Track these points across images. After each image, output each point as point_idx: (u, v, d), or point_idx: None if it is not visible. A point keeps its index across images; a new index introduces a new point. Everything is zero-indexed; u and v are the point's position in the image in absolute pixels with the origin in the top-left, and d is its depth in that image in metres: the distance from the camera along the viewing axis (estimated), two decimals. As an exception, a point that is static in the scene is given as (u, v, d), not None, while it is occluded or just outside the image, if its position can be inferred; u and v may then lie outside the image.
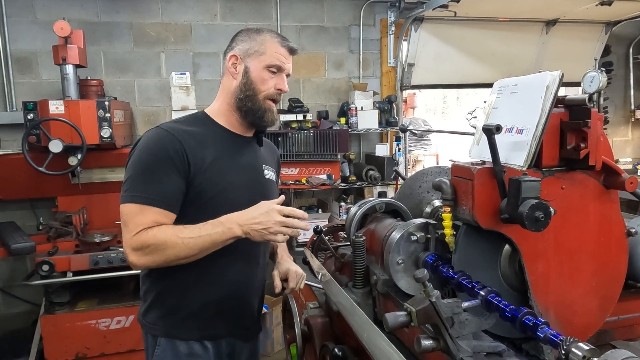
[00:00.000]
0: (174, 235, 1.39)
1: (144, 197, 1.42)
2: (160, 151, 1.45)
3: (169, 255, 1.40)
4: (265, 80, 1.57)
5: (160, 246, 1.38)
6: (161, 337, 1.55)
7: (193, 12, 4.02)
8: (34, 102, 3.02)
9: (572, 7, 4.13)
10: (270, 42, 1.57)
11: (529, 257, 1.21)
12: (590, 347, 0.86)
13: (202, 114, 1.65)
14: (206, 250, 1.42)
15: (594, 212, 1.26)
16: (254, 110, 1.58)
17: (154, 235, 1.39)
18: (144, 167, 1.45)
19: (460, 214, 1.24)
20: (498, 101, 1.35)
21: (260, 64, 1.56)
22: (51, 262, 2.86)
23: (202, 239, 1.40)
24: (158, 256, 1.40)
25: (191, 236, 1.39)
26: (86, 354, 3.00)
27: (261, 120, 1.60)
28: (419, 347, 1.02)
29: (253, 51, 1.57)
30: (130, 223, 1.42)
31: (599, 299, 1.29)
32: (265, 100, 1.58)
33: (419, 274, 1.04)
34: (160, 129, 1.51)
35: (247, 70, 1.57)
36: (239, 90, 1.58)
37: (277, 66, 1.57)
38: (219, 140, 1.59)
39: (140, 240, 1.39)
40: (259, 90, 1.57)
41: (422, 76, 4.47)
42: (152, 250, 1.39)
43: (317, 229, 1.95)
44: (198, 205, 1.49)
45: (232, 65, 1.59)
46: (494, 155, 1.15)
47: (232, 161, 1.58)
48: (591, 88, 1.21)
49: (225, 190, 1.53)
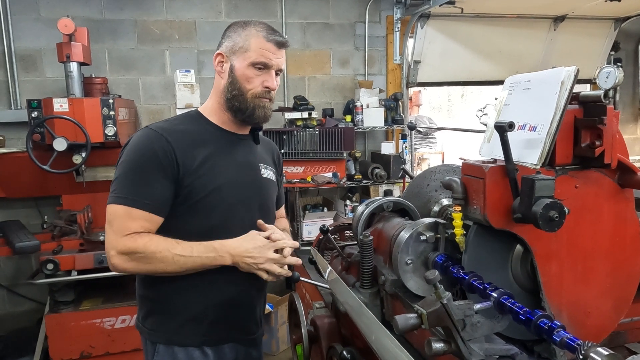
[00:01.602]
0: (166, 250, 1.38)
1: (131, 200, 1.39)
2: (148, 152, 1.42)
3: (155, 267, 1.39)
4: (250, 78, 1.49)
5: (149, 256, 1.37)
6: (160, 344, 1.52)
7: (197, 9, 4.00)
8: (38, 100, 3.01)
9: (581, 3, 4.08)
10: (254, 38, 1.49)
11: (541, 258, 1.18)
12: (609, 352, 0.84)
13: (195, 112, 1.61)
14: (192, 270, 1.43)
15: (608, 211, 1.23)
16: (243, 110, 1.53)
17: (144, 245, 1.37)
18: (131, 168, 1.43)
19: (470, 213, 1.21)
20: (510, 98, 1.32)
21: (245, 62, 1.49)
22: (56, 260, 2.85)
23: (192, 259, 1.40)
24: (144, 265, 1.39)
25: (182, 254, 1.39)
26: (91, 353, 2.99)
27: (251, 118, 1.55)
28: (429, 350, 1.00)
29: (238, 48, 1.50)
30: (115, 224, 1.40)
31: (613, 301, 1.26)
32: (254, 99, 1.51)
33: (430, 275, 1.01)
34: (149, 130, 1.48)
35: (232, 68, 1.51)
36: (226, 89, 1.53)
37: (262, 63, 1.49)
38: (212, 138, 1.54)
39: (128, 245, 1.37)
40: (246, 89, 1.50)
41: (428, 73, 4.44)
42: (139, 258, 1.38)
43: (324, 228, 1.92)
44: (190, 205, 1.46)
45: (219, 64, 1.54)
46: (506, 153, 1.12)
47: (226, 160, 1.53)
48: (607, 84, 1.18)
49: (218, 190, 1.49)
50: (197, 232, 1.46)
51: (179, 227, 1.46)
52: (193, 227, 1.47)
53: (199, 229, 1.47)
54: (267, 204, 1.64)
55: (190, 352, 1.51)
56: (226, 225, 1.50)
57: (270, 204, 1.66)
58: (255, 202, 1.58)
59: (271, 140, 1.88)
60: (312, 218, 3.95)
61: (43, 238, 3.06)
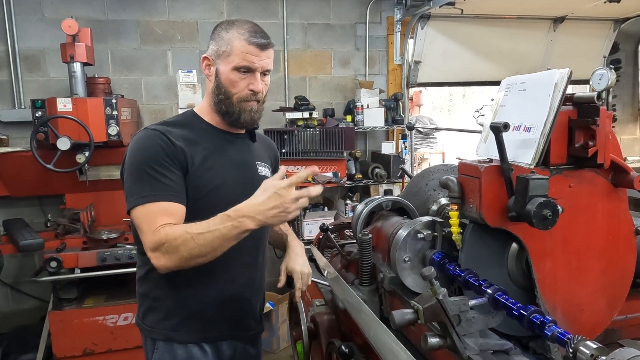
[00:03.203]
0: (184, 232, 1.32)
1: (150, 196, 1.39)
2: (152, 148, 1.43)
3: (182, 253, 1.33)
4: (235, 82, 1.49)
5: (172, 243, 1.32)
6: (159, 341, 1.53)
7: (199, 9, 4.03)
8: (42, 100, 3.04)
9: (581, 4, 4.10)
10: (237, 41, 1.46)
11: (536, 256, 1.21)
12: (598, 345, 0.86)
13: (190, 112, 1.62)
14: (219, 247, 1.34)
15: (602, 210, 1.26)
16: (230, 113, 1.53)
17: (166, 234, 1.33)
18: (140, 168, 1.42)
19: (467, 212, 1.24)
20: (506, 99, 1.35)
21: (228, 66, 1.48)
22: (59, 258, 2.88)
23: (211, 233, 1.31)
24: (174, 255, 1.33)
25: (200, 231, 1.32)
26: (94, 350, 3.02)
27: (238, 122, 1.55)
28: (425, 345, 1.03)
29: (221, 52, 1.49)
30: (144, 226, 1.38)
31: (606, 298, 1.29)
32: (240, 103, 1.51)
33: (426, 271, 1.04)
34: (147, 130, 1.48)
35: (217, 72, 1.51)
36: (214, 93, 1.53)
37: (245, 67, 1.47)
38: (208, 138, 1.55)
39: (154, 240, 1.34)
40: (231, 94, 1.50)
41: (428, 74, 4.46)
42: (167, 249, 1.33)
43: (324, 227, 1.95)
44: (190, 203, 1.46)
45: (206, 67, 1.54)
46: (501, 153, 1.14)
47: (222, 159, 1.54)
48: (600, 86, 1.20)
49: (217, 189, 1.49)
50: None
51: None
52: None
53: None
54: None
55: (190, 349, 1.53)
56: None
57: None
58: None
59: (271, 140, 1.89)
60: (312, 217, 3.97)
61: (46, 236, 3.09)
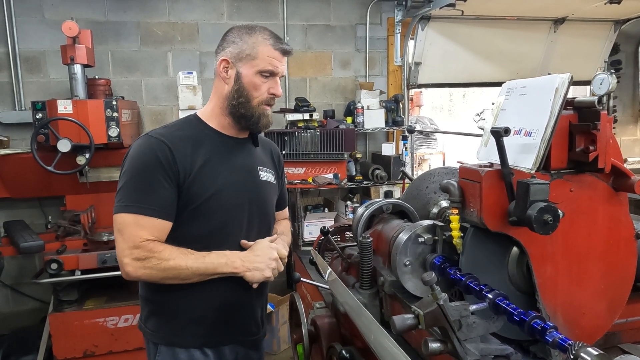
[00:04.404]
0: (180, 259, 1.41)
1: (138, 207, 1.41)
2: (150, 159, 1.43)
3: (168, 274, 1.41)
4: (258, 86, 1.51)
5: (163, 264, 1.39)
6: (161, 345, 1.54)
7: (200, 11, 4.03)
8: (43, 102, 3.04)
9: (581, 6, 4.10)
10: (262, 46, 1.50)
11: (537, 260, 1.21)
12: (599, 352, 0.86)
13: (193, 116, 1.62)
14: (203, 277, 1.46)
15: (602, 214, 1.26)
16: (248, 117, 1.54)
17: (159, 252, 1.39)
18: (135, 176, 1.44)
19: (467, 216, 1.24)
20: (506, 103, 1.35)
21: (253, 69, 1.50)
22: (60, 260, 2.88)
23: (205, 265, 1.44)
24: (157, 272, 1.40)
25: (196, 263, 1.43)
26: (94, 352, 3.02)
27: (256, 125, 1.57)
28: (426, 350, 1.03)
29: (245, 55, 1.50)
30: (125, 233, 1.40)
31: (607, 302, 1.28)
32: (260, 106, 1.54)
33: (427, 276, 1.04)
34: (148, 137, 1.49)
35: (239, 75, 1.51)
36: (232, 96, 1.53)
37: (270, 71, 1.51)
38: (210, 143, 1.55)
39: (143, 252, 1.38)
40: (252, 97, 1.52)
41: (428, 75, 4.46)
42: (154, 266, 1.39)
43: (324, 229, 1.95)
44: (190, 210, 1.47)
45: (224, 70, 1.53)
46: (502, 158, 1.14)
47: (224, 164, 1.54)
48: (601, 90, 1.21)
49: (218, 194, 1.50)
50: (196, 236, 1.48)
51: (178, 232, 1.47)
52: (192, 232, 1.49)
53: (198, 233, 1.49)
54: (266, 207, 1.65)
55: (192, 353, 1.53)
56: (224, 230, 1.52)
57: (269, 207, 1.67)
58: (254, 205, 1.59)
59: (272, 141, 1.88)
60: (313, 218, 3.97)
61: (47, 238, 3.09)
